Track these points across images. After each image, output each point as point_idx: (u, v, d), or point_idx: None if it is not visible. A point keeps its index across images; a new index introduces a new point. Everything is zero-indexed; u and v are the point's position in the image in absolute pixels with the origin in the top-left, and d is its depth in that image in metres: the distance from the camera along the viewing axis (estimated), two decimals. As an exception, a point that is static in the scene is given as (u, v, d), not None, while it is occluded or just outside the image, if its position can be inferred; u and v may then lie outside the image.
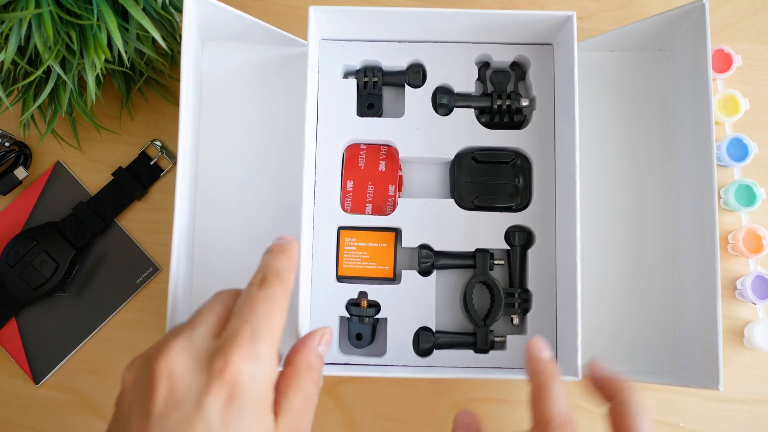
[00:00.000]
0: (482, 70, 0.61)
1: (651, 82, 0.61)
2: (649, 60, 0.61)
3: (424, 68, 0.60)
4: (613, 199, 0.60)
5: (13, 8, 0.46)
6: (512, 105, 0.59)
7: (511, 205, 0.58)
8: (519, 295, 0.57)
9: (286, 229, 0.58)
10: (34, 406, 0.61)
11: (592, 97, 0.61)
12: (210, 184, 0.59)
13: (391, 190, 0.59)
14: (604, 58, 0.61)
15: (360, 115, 0.60)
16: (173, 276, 0.51)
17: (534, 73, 0.60)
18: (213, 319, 0.39)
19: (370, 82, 0.60)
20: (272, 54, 0.61)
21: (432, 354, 0.56)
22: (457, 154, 0.59)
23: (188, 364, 0.36)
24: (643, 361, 0.58)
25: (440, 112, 0.59)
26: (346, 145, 0.60)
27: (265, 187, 0.60)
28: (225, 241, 0.59)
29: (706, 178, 0.53)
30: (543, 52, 0.60)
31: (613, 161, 0.61)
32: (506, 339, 0.57)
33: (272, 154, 0.60)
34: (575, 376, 0.51)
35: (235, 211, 0.59)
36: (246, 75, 0.61)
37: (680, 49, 0.59)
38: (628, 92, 0.61)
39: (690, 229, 0.57)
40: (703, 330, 0.53)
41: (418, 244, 0.58)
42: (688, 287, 0.57)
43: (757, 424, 0.59)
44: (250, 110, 0.60)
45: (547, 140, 0.59)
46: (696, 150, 0.56)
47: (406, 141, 0.59)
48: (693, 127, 0.56)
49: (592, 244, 0.59)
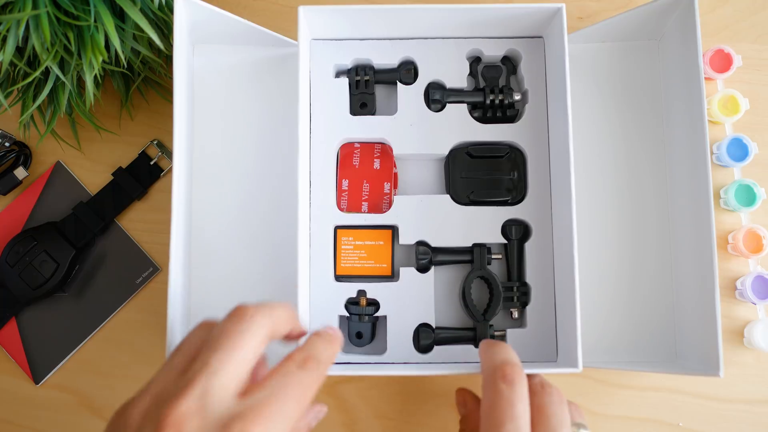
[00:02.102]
0: (474, 65, 0.61)
1: (642, 71, 0.61)
2: (640, 50, 0.61)
3: (416, 65, 0.60)
4: (609, 190, 0.60)
5: (10, 9, 0.46)
6: (505, 99, 0.59)
7: (506, 198, 0.58)
8: (517, 288, 0.57)
9: (283, 229, 0.58)
10: (34, 406, 0.61)
11: (584, 88, 0.61)
12: (206, 186, 0.59)
13: (387, 187, 0.59)
14: (595, 49, 0.61)
15: (353, 114, 0.60)
16: (172, 281, 0.51)
17: (525, 67, 0.60)
18: (238, 369, 0.36)
19: (362, 80, 0.60)
20: (264, 55, 0.61)
21: (432, 350, 0.56)
22: (451, 149, 0.59)
23: (200, 426, 0.33)
24: (643, 351, 0.58)
25: (433, 108, 0.59)
26: (340, 144, 0.60)
27: (261, 188, 0.59)
28: (222, 242, 0.59)
29: (700, 163, 0.53)
30: (534, 45, 0.60)
31: (607, 152, 0.60)
32: (506, 333, 0.57)
33: (267, 154, 0.60)
34: (575, 367, 0.50)
35: (232, 212, 0.59)
36: (238, 76, 0.61)
37: (670, 37, 0.59)
38: (620, 82, 0.61)
39: (687, 216, 0.57)
40: (702, 319, 0.53)
41: (415, 240, 0.58)
42: (686, 276, 0.57)
43: (757, 424, 0.59)
44: (243, 112, 0.60)
45: (541, 133, 0.59)
46: (690, 137, 0.55)
47: (400, 138, 0.59)
48: (686, 115, 0.56)
49: (589, 236, 0.59)
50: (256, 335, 0.37)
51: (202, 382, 0.34)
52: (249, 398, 0.35)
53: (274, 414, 0.35)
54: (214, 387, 0.34)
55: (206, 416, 0.33)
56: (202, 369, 0.35)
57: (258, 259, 0.58)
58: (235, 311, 0.39)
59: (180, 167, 0.53)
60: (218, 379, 0.35)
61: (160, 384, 0.36)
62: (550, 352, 0.56)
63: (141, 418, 0.35)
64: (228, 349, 0.36)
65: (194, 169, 0.59)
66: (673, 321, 0.58)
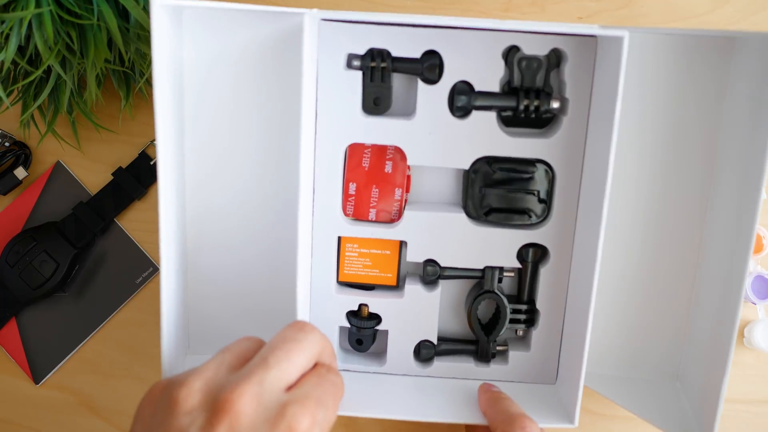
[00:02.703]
0: (510, 55, 0.52)
1: (703, 92, 0.53)
2: (702, 70, 0.53)
3: (442, 59, 0.52)
4: (638, 219, 0.55)
5: (13, 8, 0.46)
6: (541, 106, 0.52)
7: (528, 222, 0.54)
8: (526, 311, 0.56)
9: (283, 234, 0.55)
10: (34, 406, 0.61)
11: (633, 102, 0.53)
12: (203, 187, 0.55)
13: (398, 194, 0.54)
14: (659, 60, 0.53)
15: (365, 112, 0.53)
16: (164, 286, 0.48)
17: (570, 71, 0.52)
18: (290, 369, 0.39)
19: (378, 68, 0.52)
20: (263, 36, 0.52)
21: (433, 364, 0.56)
22: (473, 163, 0.53)
23: (255, 413, 0.36)
24: (646, 384, 0.56)
25: (457, 115, 0.52)
26: (348, 144, 0.54)
27: (261, 189, 0.55)
28: (221, 243, 0.57)
29: (748, 216, 0.46)
30: (584, 46, 0.51)
31: (644, 180, 0.54)
32: (508, 350, 0.56)
33: (267, 152, 0.55)
34: (575, 389, 0.50)
35: (230, 213, 0.57)
36: (234, 65, 0.53)
37: (744, 72, 0.51)
38: (675, 100, 0.53)
39: (716, 272, 0.52)
40: (711, 366, 0.50)
41: (424, 259, 0.55)
42: (701, 326, 0.53)
43: (757, 424, 0.59)
44: (240, 104, 0.54)
45: (576, 151, 0.53)
46: (743, 179, 0.49)
47: (415, 146, 0.53)
48: (744, 149, 0.49)
49: (606, 262, 0.54)
50: (310, 349, 0.40)
51: (260, 374, 0.37)
52: (295, 391, 0.38)
53: (319, 403, 0.38)
54: (270, 379, 0.37)
55: (261, 402, 0.36)
56: (260, 364, 0.38)
57: (256, 262, 0.57)
58: (297, 323, 0.42)
59: (165, 162, 0.47)
60: (273, 374, 0.38)
61: (210, 373, 0.38)
62: (550, 374, 0.56)
63: (194, 400, 0.37)
64: (286, 350, 0.39)
65: (186, 169, 0.55)
66: (680, 358, 0.56)
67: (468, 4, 0.64)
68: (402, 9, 0.63)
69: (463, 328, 0.58)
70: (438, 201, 0.56)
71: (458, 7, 0.64)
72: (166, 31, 0.47)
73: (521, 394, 0.53)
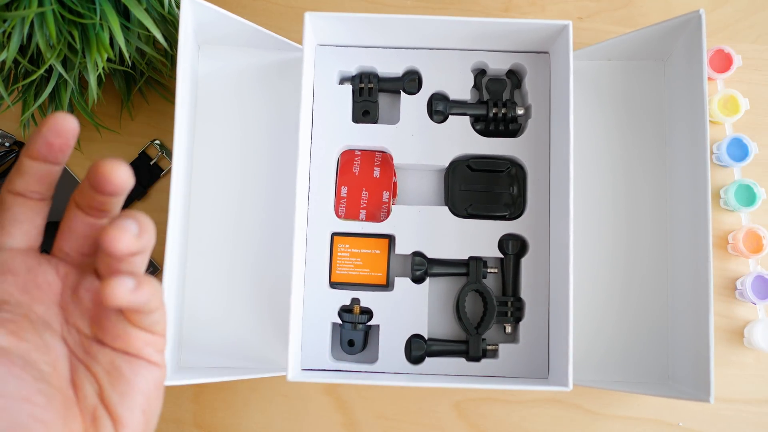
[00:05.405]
0: (478, 78, 0.61)
1: (647, 91, 0.61)
2: (645, 69, 0.61)
3: (420, 75, 0.60)
4: (608, 209, 0.60)
5: (15, 7, 0.46)
6: (508, 113, 0.59)
7: (504, 213, 0.58)
8: (512, 303, 0.57)
9: (280, 234, 0.58)
10: (34, 406, 0.60)
11: (587, 105, 0.61)
12: (205, 188, 0.59)
13: (386, 196, 0.59)
14: (601, 67, 0.61)
15: (355, 122, 0.59)
16: (167, 281, 0.50)
17: (530, 81, 0.60)
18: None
19: (366, 88, 0.60)
20: (268, 58, 0.61)
21: (424, 361, 0.56)
22: (451, 161, 0.59)
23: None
24: (635, 370, 0.58)
25: (436, 119, 0.59)
26: (340, 151, 0.60)
27: (260, 192, 0.59)
28: (220, 244, 0.59)
29: (701, 189, 0.53)
30: (539, 60, 0.60)
31: (607, 170, 0.60)
32: (498, 347, 0.57)
33: (267, 157, 0.60)
34: (565, 386, 0.51)
35: (230, 215, 0.59)
36: (242, 79, 0.60)
37: (677, 59, 0.59)
38: (624, 101, 0.61)
39: (685, 240, 0.56)
40: (695, 341, 0.53)
41: (412, 251, 0.58)
42: (681, 297, 0.57)
43: (757, 424, 0.59)
44: (245, 114, 0.60)
45: (543, 149, 0.59)
46: (691, 160, 0.55)
47: (401, 148, 0.59)
48: (688, 137, 0.56)
49: (585, 253, 0.59)
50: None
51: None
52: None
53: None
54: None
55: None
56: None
57: (254, 262, 0.59)
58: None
59: (179, 168, 0.53)
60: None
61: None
62: (542, 369, 0.57)
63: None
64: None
65: (193, 171, 0.59)
66: (666, 340, 0.58)
67: (468, 4, 0.65)
68: (402, 9, 0.64)
69: (453, 330, 0.59)
70: (423, 198, 0.61)
71: (458, 7, 0.64)
72: (190, 45, 0.55)
73: (516, 390, 0.55)
